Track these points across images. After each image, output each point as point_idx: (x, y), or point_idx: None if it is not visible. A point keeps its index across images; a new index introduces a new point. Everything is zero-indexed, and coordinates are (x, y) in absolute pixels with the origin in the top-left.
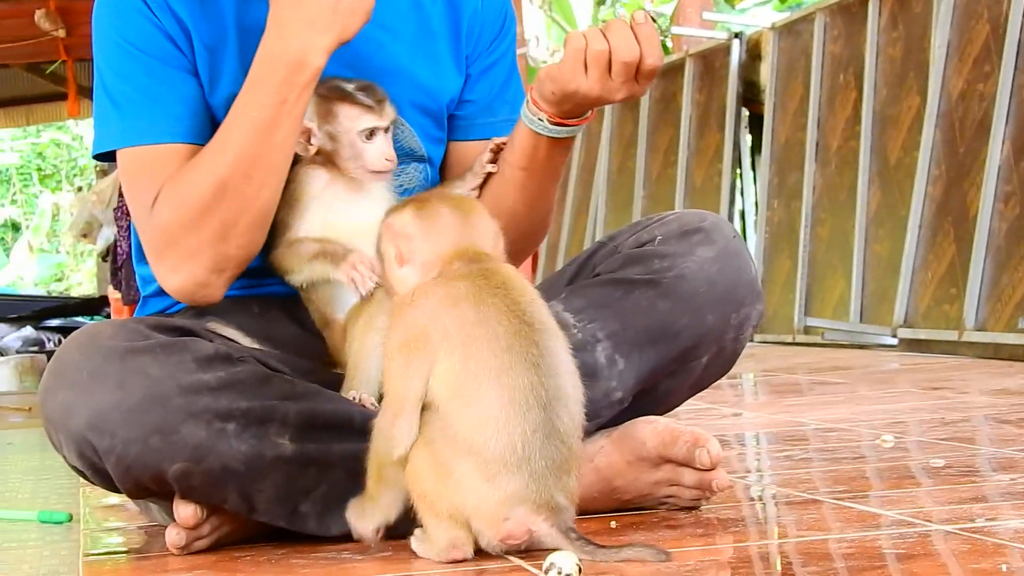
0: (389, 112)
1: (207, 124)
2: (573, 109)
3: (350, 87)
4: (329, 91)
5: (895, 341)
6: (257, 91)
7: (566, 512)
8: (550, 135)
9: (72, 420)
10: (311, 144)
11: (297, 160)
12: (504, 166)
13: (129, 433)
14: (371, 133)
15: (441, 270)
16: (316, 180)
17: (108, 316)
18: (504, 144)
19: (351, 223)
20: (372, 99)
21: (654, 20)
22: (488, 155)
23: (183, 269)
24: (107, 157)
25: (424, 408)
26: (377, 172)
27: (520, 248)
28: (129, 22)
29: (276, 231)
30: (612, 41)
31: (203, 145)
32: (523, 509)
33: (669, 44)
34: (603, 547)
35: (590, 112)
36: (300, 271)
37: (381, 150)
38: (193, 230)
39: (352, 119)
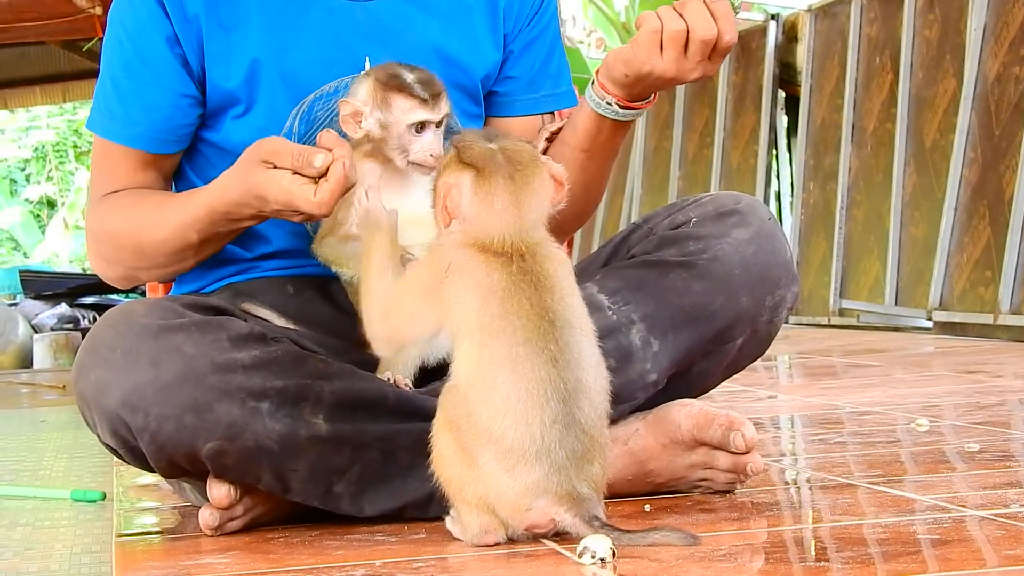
0: (443, 107)
1: (170, 131)
2: (643, 91)
3: (409, 78)
4: (388, 78)
5: (930, 324)
6: (211, 215)
7: (589, 501)
8: (617, 118)
9: (106, 398)
10: (360, 127)
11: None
12: (565, 148)
13: (163, 411)
14: (421, 127)
15: (484, 242)
16: (369, 174)
17: (143, 294)
18: (559, 132)
19: (400, 215)
20: (428, 93)
21: None
22: (543, 144)
23: (101, 265)
24: None
25: (449, 389)
26: (420, 166)
27: (570, 226)
28: (134, 6)
29: (325, 222)
30: (689, 20)
31: (154, 153)
32: (545, 500)
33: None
34: (629, 532)
35: (654, 94)
36: (354, 267)
37: (429, 145)
38: (112, 250)
39: (405, 111)
